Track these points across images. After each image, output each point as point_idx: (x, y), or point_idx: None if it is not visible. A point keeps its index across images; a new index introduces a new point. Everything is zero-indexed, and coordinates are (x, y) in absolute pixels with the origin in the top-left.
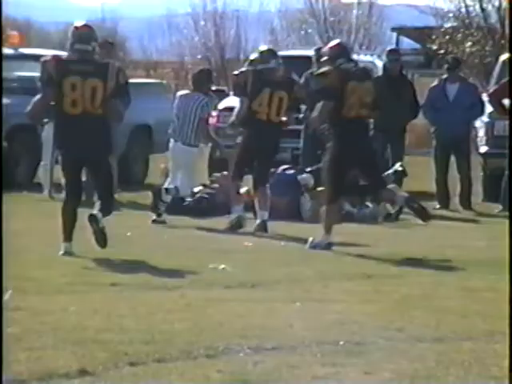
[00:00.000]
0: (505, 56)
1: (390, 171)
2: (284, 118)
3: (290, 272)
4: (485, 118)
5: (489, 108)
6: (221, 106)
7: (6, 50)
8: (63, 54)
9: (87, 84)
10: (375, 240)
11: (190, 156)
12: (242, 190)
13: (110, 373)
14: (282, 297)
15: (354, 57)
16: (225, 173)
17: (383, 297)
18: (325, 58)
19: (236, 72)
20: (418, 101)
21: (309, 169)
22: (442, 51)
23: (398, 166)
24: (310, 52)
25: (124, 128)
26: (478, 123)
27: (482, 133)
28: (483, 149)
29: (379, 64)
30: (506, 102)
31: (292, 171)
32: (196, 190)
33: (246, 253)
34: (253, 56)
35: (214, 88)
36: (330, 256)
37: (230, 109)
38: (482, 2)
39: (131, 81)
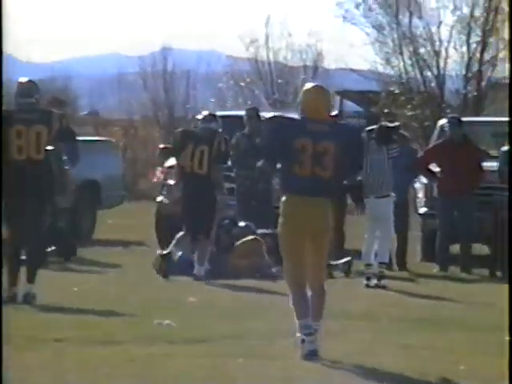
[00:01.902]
0: (443, 121)
1: (340, 261)
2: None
3: (235, 327)
4: (423, 180)
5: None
6: (168, 163)
7: None
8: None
9: (32, 131)
10: None
11: None
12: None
13: None
14: (226, 352)
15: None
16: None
17: (324, 353)
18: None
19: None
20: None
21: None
22: (382, 114)
23: (346, 258)
24: (242, 112)
25: (72, 183)
26: (417, 184)
27: (420, 194)
28: (422, 210)
29: None
30: (432, 166)
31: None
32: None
33: (192, 308)
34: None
35: (162, 146)
36: (276, 312)
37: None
38: (422, 69)
39: (80, 138)
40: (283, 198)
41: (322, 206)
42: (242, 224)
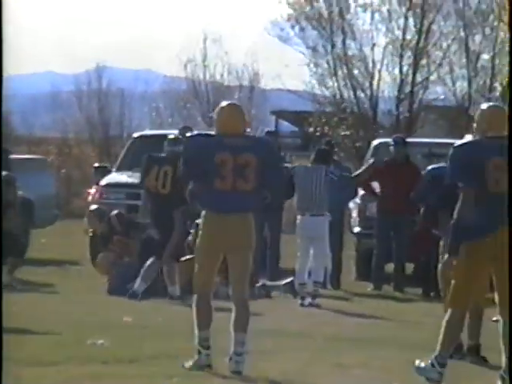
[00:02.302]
0: (377, 141)
1: (281, 283)
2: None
3: (169, 347)
4: (358, 200)
5: (361, 190)
6: (103, 182)
7: None
8: None
9: None
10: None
11: None
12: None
13: None
14: (160, 372)
15: None
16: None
17: (260, 373)
18: None
19: None
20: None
21: None
22: (317, 134)
23: (289, 279)
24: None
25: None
26: (351, 204)
27: (355, 214)
28: (356, 229)
29: None
30: (375, 185)
31: None
32: None
33: (126, 328)
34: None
35: (96, 165)
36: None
37: (112, 185)
38: (356, 90)
39: (14, 156)
40: (203, 213)
41: (243, 221)
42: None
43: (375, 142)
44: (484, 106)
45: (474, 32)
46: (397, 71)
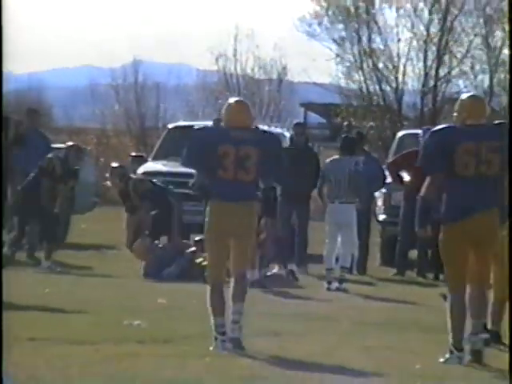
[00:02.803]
0: (401, 133)
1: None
2: None
3: (202, 328)
4: (383, 189)
5: (388, 180)
6: (140, 170)
7: None
8: None
9: None
10: (283, 299)
11: None
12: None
13: None
14: (193, 352)
15: (265, 128)
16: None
17: (288, 353)
18: None
19: None
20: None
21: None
22: (344, 125)
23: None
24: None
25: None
26: (377, 193)
27: (380, 202)
28: (381, 217)
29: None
30: (404, 174)
31: None
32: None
33: (161, 310)
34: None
35: (133, 154)
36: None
37: (149, 173)
38: (381, 83)
39: (55, 145)
40: (209, 202)
41: (245, 209)
42: None
43: (400, 134)
44: (464, 96)
45: (495, 28)
46: (421, 65)
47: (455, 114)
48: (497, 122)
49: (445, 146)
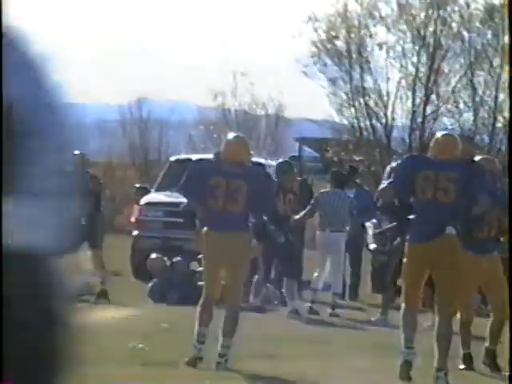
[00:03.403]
0: (391, 165)
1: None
2: None
3: (203, 352)
4: (373, 219)
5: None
6: (143, 201)
7: None
8: None
9: None
10: (277, 324)
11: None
12: None
13: None
14: (194, 375)
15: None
16: None
17: (282, 376)
18: None
19: None
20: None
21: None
22: (335, 159)
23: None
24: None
25: None
26: (367, 223)
27: (370, 231)
28: (372, 246)
29: None
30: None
31: None
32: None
33: (164, 333)
34: None
35: (137, 185)
36: (238, 337)
37: (152, 204)
38: (371, 119)
39: None
40: (203, 231)
41: (234, 239)
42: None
43: (389, 168)
44: (438, 134)
45: (479, 70)
46: (409, 103)
47: (430, 149)
48: (472, 159)
49: (407, 170)
